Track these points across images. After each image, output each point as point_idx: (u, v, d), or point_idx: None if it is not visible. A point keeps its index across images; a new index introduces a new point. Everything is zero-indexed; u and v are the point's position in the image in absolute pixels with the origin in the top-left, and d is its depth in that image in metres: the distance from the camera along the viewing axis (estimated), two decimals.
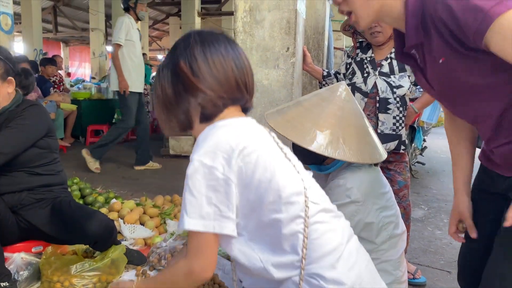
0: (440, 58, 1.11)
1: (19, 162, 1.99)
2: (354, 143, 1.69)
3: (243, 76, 1.07)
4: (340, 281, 0.97)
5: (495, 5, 0.97)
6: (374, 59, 2.49)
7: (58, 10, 13.68)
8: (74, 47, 19.14)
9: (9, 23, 5.47)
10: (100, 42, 12.67)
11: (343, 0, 1.18)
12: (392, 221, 1.73)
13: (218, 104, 1.04)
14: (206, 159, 0.94)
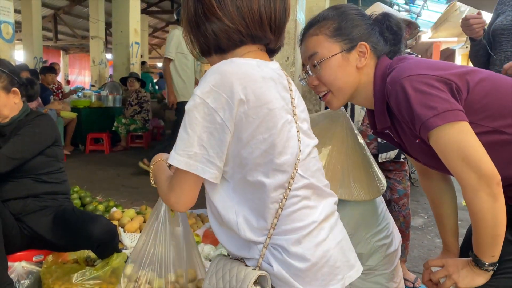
0: (416, 139, 1.14)
1: (26, 168, 2.03)
2: (364, 179, 1.63)
3: (269, 12, 0.94)
4: (303, 257, 0.92)
5: (432, 117, 1.02)
6: None
7: (58, 18, 13.76)
8: (74, 55, 19.21)
9: (10, 31, 5.49)
10: (100, 50, 12.72)
11: (319, 82, 1.22)
12: (385, 243, 1.69)
13: (234, 38, 0.94)
14: (209, 98, 0.87)
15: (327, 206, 1.01)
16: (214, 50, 0.98)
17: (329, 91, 1.23)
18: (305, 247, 0.93)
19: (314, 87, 1.24)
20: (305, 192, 0.97)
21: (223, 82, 0.87)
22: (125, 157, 6.27)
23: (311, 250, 0.93)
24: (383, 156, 2.43)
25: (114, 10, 8.46)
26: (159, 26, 18.09)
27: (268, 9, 0.94)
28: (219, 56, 0.98)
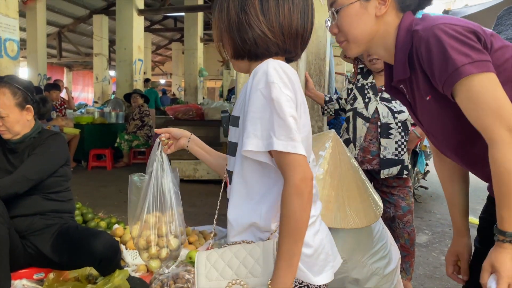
0: (427, 95, 1.12)
1: (38, 187, 2.05)
2: (359, 205, 1.63)
3: (302, 30, 1.05)
4: (308, 243, 1.01)
5: (467, 64, 0.99)
6: (375, 85, 2.52)
7: (62, 36, 13.93)
8: (78, 72, 19.39)
9: (15, 49, 5.55)
10: (103, 67, 12.85)
11: (338, 31, 1.20)
12: (381, 265, 1.68)
13: (272, 49, 1.03)
14: (282, 87, 0.95)
15: (318, 207, 1.12)
16: (249, 56, 1.05)
17: (346, 40, 1.22)
18: (308, 235, 1.00)
19: (335, 35, 1.23)
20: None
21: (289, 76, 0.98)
22: (127, 173, 6.23)
23: (311, 237, 1.03)
24: (386, 172, 2.42)
25: (118, 28, 8.57)
26: (162, 44, 18.29)
27: (302, 28, 1.05)
28: (251, 62, 1.06)
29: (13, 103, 2.03)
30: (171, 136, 1.36)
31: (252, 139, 0.96)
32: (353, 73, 2.81)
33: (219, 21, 1.07)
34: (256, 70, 0.99)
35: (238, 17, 1.02)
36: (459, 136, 1.16)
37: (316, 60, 4.24)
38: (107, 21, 12.69)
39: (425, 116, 1.21)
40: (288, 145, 0.93)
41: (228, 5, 1.04)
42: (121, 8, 8.39)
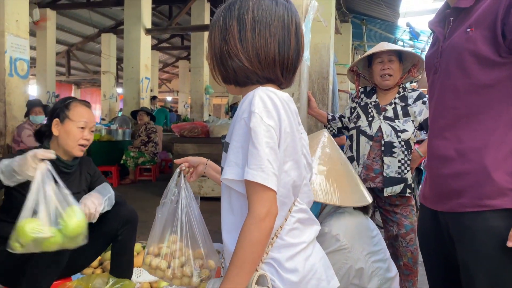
0: (471, 27, 1.15)
1: None
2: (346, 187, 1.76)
3: (283, 58, 1.04)
4: (296, 270, 1.02)
5: None
6: (379, 103, 2.55)
7: (71, 54, 14.18)
8: (85, 89, 19.65)
9: (25, 68, 5.67)
10: (111, 85, 13.03)
11: None
12: (381, 266, 1.74)
13: (251, 78, 1.04)
14: (264, 116, 0.96)
15: (313, 232, 1.12)
16: (234, 83, 1.08)
17: None
18: (296, 261, 1.03)
19: None
20: (300, 215, 1.07)
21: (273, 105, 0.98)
22: (133, 190, 6.30)
23: (302, 263, 1.04)
24: (389, 190, 2.43)
25: (126, 47, 8.72)
26: (169, 62, 18.53)
27: (281, 56, 1.04)
28: (240, 87, 1.09)
29: None
30: (190, 164, 1.42)
31: (231, 167, 0.98)
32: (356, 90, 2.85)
33: (209, 48, 1.10)
34: (243, 99, 1.02)
35: (220, 45, 1.05)
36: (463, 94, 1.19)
37: (319, 78, 4.30)
38: (115, 40, 12.92)
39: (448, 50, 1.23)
40: (258, 175, 0.93)
41: (214, 34, 1.07)
42: (129, 28, 8.55)
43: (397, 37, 10.46)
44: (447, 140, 1.24)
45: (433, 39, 1.38)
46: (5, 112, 5.37)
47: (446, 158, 1.24)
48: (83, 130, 2.08)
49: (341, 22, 8.37)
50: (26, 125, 5.29)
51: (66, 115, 2.06)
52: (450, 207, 1.23)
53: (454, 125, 1.22)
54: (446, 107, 1.24)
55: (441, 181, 1.26)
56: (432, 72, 1.32)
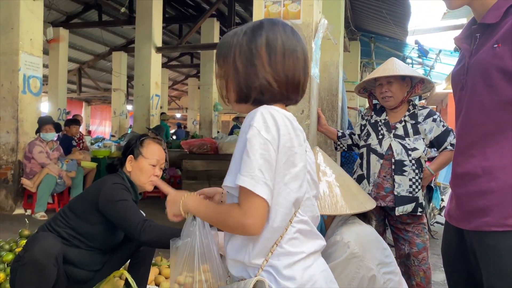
0: (498, 43, 1.15)
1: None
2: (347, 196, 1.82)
3: (304, 79, 1.15)
4: (293, 278, 1.06)
5: None
6: (389, 121, 2.54)
7: (83, 72, 14.40)
8: (96, 106, 19.89)
9: (37, 86, 5.77)
10: (121, 102, 13.18)
11: None
12: (392, 278, 1.75)
13: (276, 97, 1.12)
14: (262, 130, 1.02)
15: (315, 245, 1.14)
16: (253, 101, 1.12)
17: None
18: (295, 270, 1.07)
19: None
20: (301, 226, 1.11)
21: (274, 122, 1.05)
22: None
23: (300, 272, 1.07)
24: (400, 210, 2.41)
25: (137, 65, 8.83)
26: (178, 79, 18.73)
27: (303, 78, 1.15)
28: (253, 105, 1.13)
29: None
30: (205, 196, 1.43)
31: (230, 175, 1.06)
32: (367, 108, 2.85)
33: (224, 68, 1.15)
34: (248, 115, 1.08)
35: (246, 67, 1.11)
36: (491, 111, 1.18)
37: (328, 96, 4.31)
38: (125, 58, 13.12)
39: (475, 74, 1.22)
40: (247, 181, 1.00)
41: (235, 55, 1.12)
42: (140, 46, 8.68)
43: (406, 55, 10.47)
44: (474, 158, 1.22)
45: (460, 56, 1.38)
46: (17, 128, 5.45)
47: (472, 176, 1.22)
48: (154, 167, 2.19)
49: (350, 40, 8.43)
50: (37, 142, 5.35)
51: (140, 152, 2.18)
52: (475, 226, 1.21)
53: (480, 143, 1.20)
54: (473, 124, 1.23)
55: (466, 199, 1.24)
56: (458, 89, 1.31)
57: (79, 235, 2.05)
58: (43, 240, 1.94)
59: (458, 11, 7.76)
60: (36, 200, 5.26)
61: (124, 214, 1.95)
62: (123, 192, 2.04)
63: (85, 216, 2.05)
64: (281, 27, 1.13)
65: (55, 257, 1.88)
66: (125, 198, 2.01)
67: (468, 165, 1.24)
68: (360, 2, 6.96)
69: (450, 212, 1.35)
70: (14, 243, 2.92)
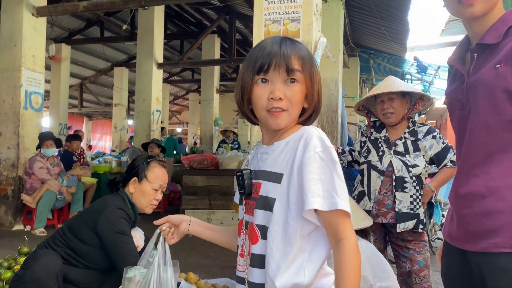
0: (500, 63, 1.15)
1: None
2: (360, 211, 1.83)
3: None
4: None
5: None
6: (389, 138, 2.55)
7: (84, 87, 14.49)
8: (97, 121, 19.95)
9: (39, 101, 5.81)
10: (122, 117, 13.23)
11: None
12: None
13: (314, 118, 1.16)
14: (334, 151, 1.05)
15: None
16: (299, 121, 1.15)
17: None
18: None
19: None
20: None
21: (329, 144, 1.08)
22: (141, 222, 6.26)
23: None
24: (402, 226, 2.40)
25: (138, 80, 8.89)
26: (179, 94, 18.85)
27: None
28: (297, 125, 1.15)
29: None
30: (171, 224, 1.35)
31: (316, 198, 1.01)
32: (366, 125, 2.86)
33: (312, 92, 1.11)
34: (306, 135, 1.06)
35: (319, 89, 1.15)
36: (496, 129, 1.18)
37: (328, 112, 4.34)
38: (127, 73, 13.22)
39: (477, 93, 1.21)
40: (347, 206, 1.01)
41: (315, 74, 1.14)
42: (142, 62, 8.75)
43: (405, 71, 10.55)
44: (478, 178, 1.21)
45: (452, 76, 1.38)
46: (18, 144, 5.47)
47: (477, 196, 1.21)
48: (156, 191, 2.21)
49: (349, 57, 8.50)
50: (38, 158, 5.36)
51: (145, 175, 2.19)
52: (483, 247, 1.19)
53: (485, 162, 1.20)
54: (477, 144, 1.22)
55: (471, 219, 1.22)
56: (457, 108, 1.30)
57: (78, 255, 2.04)
58: (44, 257, 1.93)
59: (456, 28, 7.85)
60: (36, 216, 5.24)
61: (120, 250, 1.96)
62: (123, 222, 2.04)
63: (84, 237, 2.04)
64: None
65: (56, 275, 1.87)
66: (124, 230, 2.01)
67: (472, 186, 1.22)
68: (359, 20, 7.04)
69: (451, 233, 1.33)
70: (13, 260, 2.91)
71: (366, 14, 6.49)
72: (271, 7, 2.68)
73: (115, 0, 5.57)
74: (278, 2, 2.67)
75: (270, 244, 1.07)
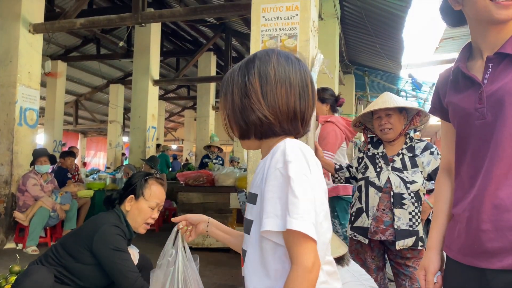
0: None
1: None
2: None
3: (303, 110, 1.08)
4: None
5: None
6: (386, 154, 2.54)
7: (79, 104, 14.48)
8: (92, 138, 19.89)
9: (34, 118, 5.77)
10: (117, 134, 13.20)
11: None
12: None
13: (275, 130, 1.06)
14: (301, 167, 0.97)
15: (339, 286, 1.10)
16: (255, 136, 1.09)
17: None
18: None
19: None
20: (328, 268, 1.05)
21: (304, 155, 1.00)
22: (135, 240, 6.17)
23: None
24: (401, 244, 2.37)
25: (134, 97, 8.90)
26: (175, 111, 18.87)
27: (302, 108, 1.08)
28: (259, 140, 1.10)
29: None
30: (188, 222, 1.36)
31: (271, 219, 0.96)
32: (363, 141, 2.85)
33: (225, 105, 1.12)
34: (274, 150, 1.02)
35: (241, 101, 1.07)
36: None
37: None
38: (123, 90, 13.25)
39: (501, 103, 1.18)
40: (301, 225, 0.92)
41: (232, 90, 1.09)
42: (137, 79, 8.77)
43: (400, 88, 10.65)
44: (501, 191, 1.15)
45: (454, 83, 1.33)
46: (12, 160, 5.41)
47: (501, 210, 1.15)
48: (153, 210, 2.16)
49: (344, 74, 8.58)
50: (31, 174, 5.30)
51: (142, 193, 2.14)
52: (509, 264, 1.12)
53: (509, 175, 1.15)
54: (504, 155, 1.16)
55: (494, 234, 1.15)
56: (475, 118, 1.24)
57: (71, 274, 1.98)
58: (35, 273, 1.88)
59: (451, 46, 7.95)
60: (28, 234, 5.15)
61: (119, 267, 1.91)
62: (119, 239, 2.00)
63: (77, 255, 1.99)
64: (275, 56, 1.09)
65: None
66: (121, 247, 1.97)
67: (496, 199, 1.16)
68: (354, 37, 7.12)
69: (464, 251, 1.24)
70: (3, 279, 2.84)
71: (361, 32, 6.57)
72: (268, 24, 2.70)
73: (111, 17, 5.60)
74: (275, 19, 2.68)
75: (247, 267, 1.05)
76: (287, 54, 1.11)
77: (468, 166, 1.27)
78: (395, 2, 4.70)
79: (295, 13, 2.63)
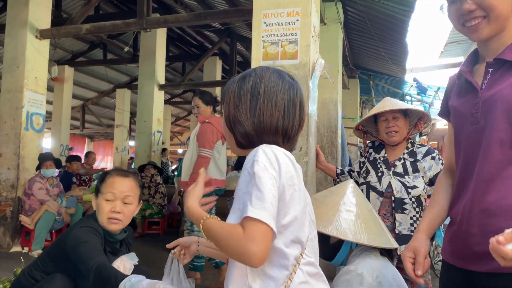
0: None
1: None
2: (374, 229, 1.79)
3: (286, 126, 1.14)
4: None
5: None
6: (388, 159, 2.54)
7: (86, 108, 14.59)
8: (98, 142, 20.00)
9: (40, 122, 5.83)
10: (123, 138, 13.27)
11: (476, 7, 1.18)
12: None
13: (255, 143, 1.12)
14: (267, 166, 1.01)
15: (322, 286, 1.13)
16: (247, 145, 1.15)
17: (485, 17, 1.19)
18: None
19: (468, 13, 1.20)
20: (309, 269, 1.09)
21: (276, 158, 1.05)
22: (140, 244, 6.20)
23: None
24: (402, 249, 2.36)
25: (139, 102, 8.95)
26: (181, 115, 18.94)
27: (285, 125, 1.14)
28: (242, 150, 1.17)
29: (137, 194, 2.09)
30: (181, 246, 1.45)
31: (234, 213, 1.03)
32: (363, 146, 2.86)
33: (224, 114, 1.19)
34: (250, 153, 1.08)
35: (235, 112, 1.15)
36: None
37: (328, 132, 4.35)
38: (129, 95, 13.32)
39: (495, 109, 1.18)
40: (261, 214, 0.96)
41: (230, 101, 1.17)
42: (143, 83, 8.82)
43: (405, 92, 10.61)
44: (489, 195, 1.17)
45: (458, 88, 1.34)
46: (18, 165, 5.46)
47: (488, 214, 1.17)
48: (112, 202, 1.97)
49: (349, 78, 8.57)
50: (37, 178, 5.35)
51: (99, 189, 2.01)
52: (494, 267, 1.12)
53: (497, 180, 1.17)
54: (492, 161, 1.18)
55: (481, 238, 1.17)
56: (469, 123, 1.26)
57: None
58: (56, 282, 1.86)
59: (455, 50, 7.93)
60: (34, 237, 5.19)
61: (82, 256, 1.78)
62: (88, 234, 1.87)
63: (59, 262, 1.92)
64: (269, 74, 1.15)
65: None
66: (87, 240, 1.84)
67: (484, 203, 1.18)
68: (358, 42, 7.12)
69: (455, 253, 1.28)
70: (8, 282, 2.87)
71: (365, 36, 6.57)
72: (269, 29, 2.71)
73: (117, 23, 5.65)
74: (276, 25, 2.70)
75: (227, 272, 1.11)
76: (281, 73, 1.18)
77: (461, 170, 1.30)
78: (398, 6, 4.71)
79: (296, 18, 2.64)
